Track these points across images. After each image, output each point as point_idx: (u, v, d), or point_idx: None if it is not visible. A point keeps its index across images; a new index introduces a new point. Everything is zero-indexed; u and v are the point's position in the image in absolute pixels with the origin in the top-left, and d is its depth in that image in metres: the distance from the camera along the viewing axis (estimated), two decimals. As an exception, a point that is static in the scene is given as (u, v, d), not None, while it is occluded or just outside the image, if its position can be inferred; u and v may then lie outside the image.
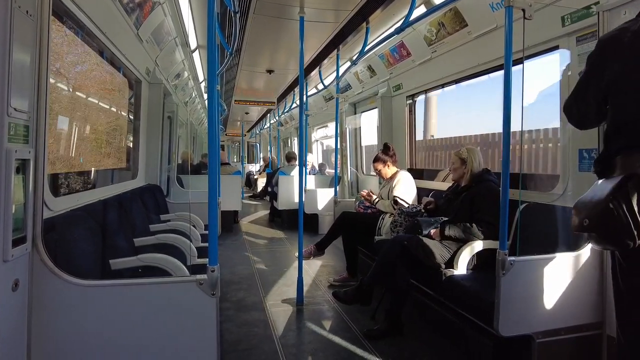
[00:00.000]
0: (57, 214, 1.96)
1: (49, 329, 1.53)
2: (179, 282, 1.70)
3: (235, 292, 3.45)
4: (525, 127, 1.94)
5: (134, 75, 3.72)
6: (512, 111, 1.92)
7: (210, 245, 1.67)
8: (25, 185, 1.47)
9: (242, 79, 5.99)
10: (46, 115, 1.57)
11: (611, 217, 1.17)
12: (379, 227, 3.52)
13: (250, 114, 10.65)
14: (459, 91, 4.05)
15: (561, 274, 2.03)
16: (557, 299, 2.02)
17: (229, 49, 3.70)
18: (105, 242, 2.35)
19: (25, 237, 1.46)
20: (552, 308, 2.03)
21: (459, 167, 2.86)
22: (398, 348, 2.49)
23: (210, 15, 1.76)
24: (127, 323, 1.61)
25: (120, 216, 2.77)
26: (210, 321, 1.64)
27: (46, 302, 1.53)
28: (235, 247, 5.17)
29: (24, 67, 1.45)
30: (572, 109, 1.55)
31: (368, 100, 5.76)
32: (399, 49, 4.22)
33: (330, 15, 3.32)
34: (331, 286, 3.59)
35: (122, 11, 2.86)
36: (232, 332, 2.66)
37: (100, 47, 2.97)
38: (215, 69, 1.83)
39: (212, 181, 1.72)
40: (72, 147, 3.06)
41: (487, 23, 3.00)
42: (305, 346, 2.53)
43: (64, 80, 2.84)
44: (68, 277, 1.54)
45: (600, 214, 1.20)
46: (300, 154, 3.65)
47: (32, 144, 1.51)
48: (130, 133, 4.04)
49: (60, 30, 2.44)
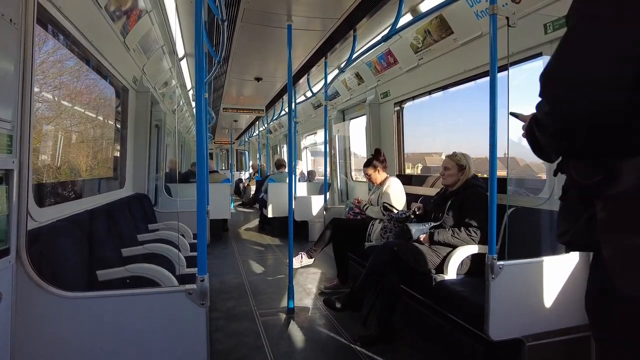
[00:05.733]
0: (42, 224, 1.92)
1: (34, 343, 1.50)
2: (167, 293, 1.68)
3: (225, 301, 3.42)
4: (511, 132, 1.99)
5: (121, 83, 3.69)
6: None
7: (199, 255, 1.66)
8: (9, 196, 1.45)
9: (231, 86, 5.98)
10: (30, 125, 1.54)
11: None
12: (369, 233, 3.53)
13: (239, 122, 10.63)
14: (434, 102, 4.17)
15: (550, 277, 2.06)
16: (546, 302, 2.05)
17: (217, 57, 3.70)
18: (92, 253, 2.31)
19: (8, 249, 1.43)
20: (542, 311, 2.05)
21: (456, 173, 2.88)
22: (390, 354, 2.49)
23: (197, 23, 1.77)
24: (115, 335, 1.58)
25: (107, 226, 2.73)
26: (200, 331, 1.62)
27: (31, 316, 1.49)
28: (224, 256, 5.12)
29: (7, 75, 1.43)
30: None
31: (356, 107, 5.79)
32: (386, 56, 4.27)
33: (318, 23, 3.35)
34: (322, 293, 3.57)
35: (108, 19, 2.84)
36: (223, 342, 2.63)
37: (86, 56, 2.95)
38: (203, 77, 1.82)
39: (200, 189, 1.71)
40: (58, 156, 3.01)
41: (472, 30, 3.05)
42: (296, 355, 2.51)
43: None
44: (53, 290, 1.51)
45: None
46: (289, 161, 3.65)
47: (15, 154, 1.49)
48: (118, 142, 4.00)
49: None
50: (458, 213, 2.75)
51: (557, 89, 0.93)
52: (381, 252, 2.69)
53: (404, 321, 2.87)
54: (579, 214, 1.01)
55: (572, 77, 0.88)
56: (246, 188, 11.24)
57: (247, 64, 4.79)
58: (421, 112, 4.64)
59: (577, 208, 1.01)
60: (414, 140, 4.89)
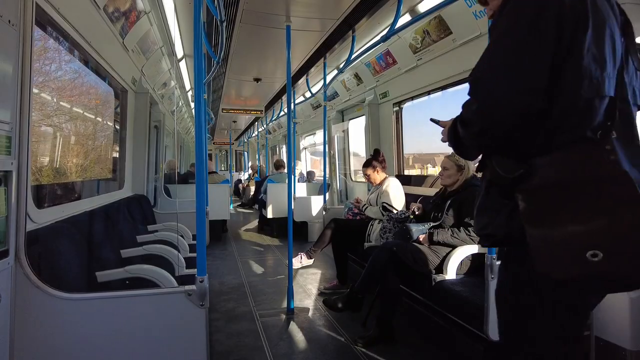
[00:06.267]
0: (41, 226, 1.92)
1: (34, 345, 1.50)
2: (167, 294, 1.68)
3: (224, 302, 3.41)
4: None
5: (120, 84, 3.69)
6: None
7: (198, 256, 1.66)
8: (8, 197, 1.44)
9: (230, 87, 5.98)
10: (29, 126, 1.54)
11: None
12: (368, 234, 3.53)
13: (238, 122, 10.62)
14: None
15: (548, 277, 2.06)
16: (545, 301, 2.04)
17: (216, 58, 3.70)
18: (92, 254, 2.31)
19: (7, 251, 1.43)
20: (541, 311, 2.04)
21: (455, 173, 2.88)
22: (390, 354, 2.48)
23: (196, 24, 1.76)
24: (114, 336, 1.58)
25: (106, 227, 2.72)
26: (200, 332, 1.62)
27: (30, 317, 1.49)
28: (224, 257, 5.12)
29: (5, 77, 1.43)
30: None
31: (355, 108, 5.80)
32: (385, 56, 4.27)
33: (317, 24, 3.35)
34: (322, 294, 3.57)
35: (107, 21, 2.84)
36: (222, 343, 2.63)
37: (85, 57, 2.95)
38: (202, 78, 1.83)
39: (199, 190, 1.71)
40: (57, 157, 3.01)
41: (471, 30, 3.06)
42: (296, 355, 2.51)
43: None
44: (53, 291, 1.51)
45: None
46: (288, 161, 3.65)
47: (14, 155, 1.48)
48: (117, 143, 4.00)
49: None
50: (457, 213, 2.75)
51: (483, 89, 1.05)
52: (381, 252, 2.69)
53: (404, 321, 2.87)
54: (500, 208, 1.08)
55: (498, 79, 1.01)
56: (245, 189, 11.23)
57: (246, 65, 4.79)
58: (420, 112, 4.65)
59: (499, 202, 1.08)
60: (414, 140, 4.90)
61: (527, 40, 0.98)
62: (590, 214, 0.91)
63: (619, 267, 0.90)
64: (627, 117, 1.02)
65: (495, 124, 1.02)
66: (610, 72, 0.98)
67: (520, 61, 0.98)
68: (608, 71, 0.98)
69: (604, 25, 0.99)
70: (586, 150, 0.96)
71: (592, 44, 0.97)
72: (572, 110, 0.98)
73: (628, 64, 1.05)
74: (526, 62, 0.98)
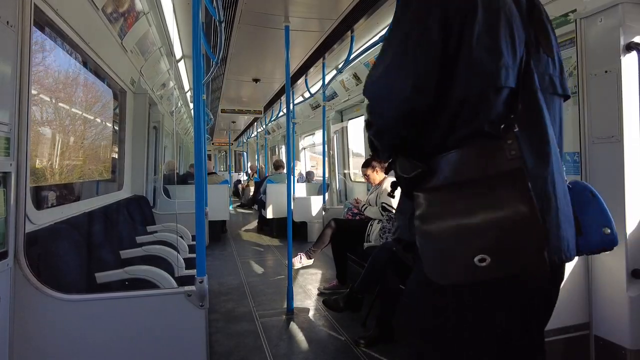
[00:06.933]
0: (40, 227, 1.92)
1: (33, 346, 1.49)
2: (166, 294, 1.68)
3: (224, 302, 3.41)
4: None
5: (119, 85, 3.69)
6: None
7: (198, 256, 1.66)
8: (7, 199, 1.44)
9: (228, 87, 5.98)
10: (28, 127, 1.54)
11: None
12: (368, 234, 3.53)
13: (237, 123, 10.63)
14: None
15: (548, 276, 2.06)
16: (544, 301, 2.04)
17: (215, 59, 3.70)
18: (91, 255, 2.31)
19: (6, 252, 1.43)
20: (540, 310, 2.04)
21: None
22: (390, 354, 2.48)
23: (195, 24, 1.76)
24: (114, 337, 1.58)
25: (105, 228, 2.72)
26: (199, 333, 1.62)
27: (29, 318, 1.49)
28: (223, 257, 5.11)
29: (4, 78, 1.42)
30: None
31: (354, 108, 5.80)
32: (384, 56, 4.27)
33: (316, 24, 3.35)
34: (321, 294, 3.57)
35: (105, 21, 2.84)
36: (222, 344, 2.63)
37: (83, 58, 2.94)
38: (201, 78, 1.83)
39: (199, 191, 1.71)
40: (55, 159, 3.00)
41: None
42: (296, 356, 2.51)
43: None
44: (52, 292, 1.51)
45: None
46: (288, 162, 3.65)
47: (13, 156, 1.48)
48: (115, 143, 3.99)
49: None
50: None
51: (371, 88, 1.00)
52: (380, 252, 2.69)
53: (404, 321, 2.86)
54: (407, 210, 1.03)
55: (387, 78, 0.95)
56: (245, 189, 11.24)
57: (244, 65, 4.79)
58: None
59: (406, 205, 1.04)
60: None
61: (411, 35, 0.91)
62: (480, 214, 0.85)
63: (506, 270, 0.84)
64: (534, 109, 0.93)
65: (386, 124, 0.97)
66: (508, 62, 0.90)
67: (405, 58, 0.92)
68: (505, 61, 0.90)
69: (497, 14, 0.91)
70: (483, 145, 0.90)
71: (483, 35, 0.89)
72: (466, 104, 0.91)
73: (539, 51, 0.98)
74: (410, 58, 0.91)
